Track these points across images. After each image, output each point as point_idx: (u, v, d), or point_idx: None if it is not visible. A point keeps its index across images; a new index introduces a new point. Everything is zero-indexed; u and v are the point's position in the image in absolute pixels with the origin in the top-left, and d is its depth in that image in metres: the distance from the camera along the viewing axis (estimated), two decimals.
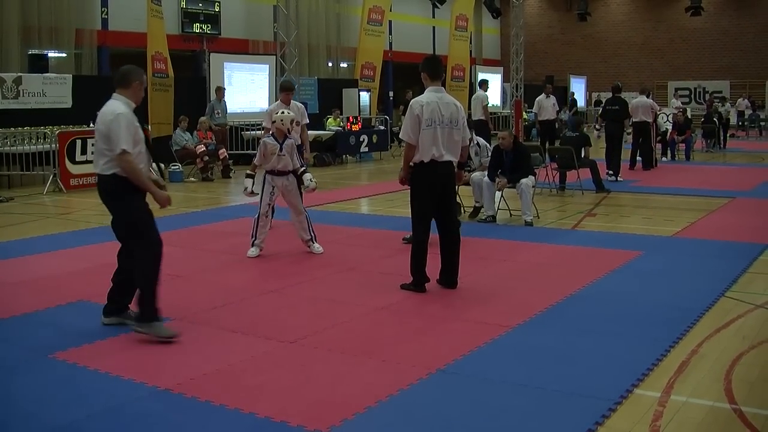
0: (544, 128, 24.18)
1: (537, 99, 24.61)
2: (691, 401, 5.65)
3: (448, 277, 8.79)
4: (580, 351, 6.69)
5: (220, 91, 22.55)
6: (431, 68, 8.68)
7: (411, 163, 8.48)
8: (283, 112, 10.76)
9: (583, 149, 16.82)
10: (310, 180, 10.89)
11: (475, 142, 13.46)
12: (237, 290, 8.78)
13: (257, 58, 27.46)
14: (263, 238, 10.75)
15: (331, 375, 6.13)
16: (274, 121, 10.67)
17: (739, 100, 40.37)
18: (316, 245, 10.79)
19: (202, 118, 20.76)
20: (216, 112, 21.90)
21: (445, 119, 8.43)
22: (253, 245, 10.69)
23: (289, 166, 10.65)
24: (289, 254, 10.79)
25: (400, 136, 8.65)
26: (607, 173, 18.70)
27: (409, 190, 8.77)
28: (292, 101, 12.52)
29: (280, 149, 10.51)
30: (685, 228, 12.55)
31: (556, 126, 25.13)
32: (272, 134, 10.68)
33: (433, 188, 8.53)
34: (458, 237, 8.84)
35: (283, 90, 12.79)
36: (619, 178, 18.89)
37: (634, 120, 20.68)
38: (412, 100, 8.62)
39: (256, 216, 10.71)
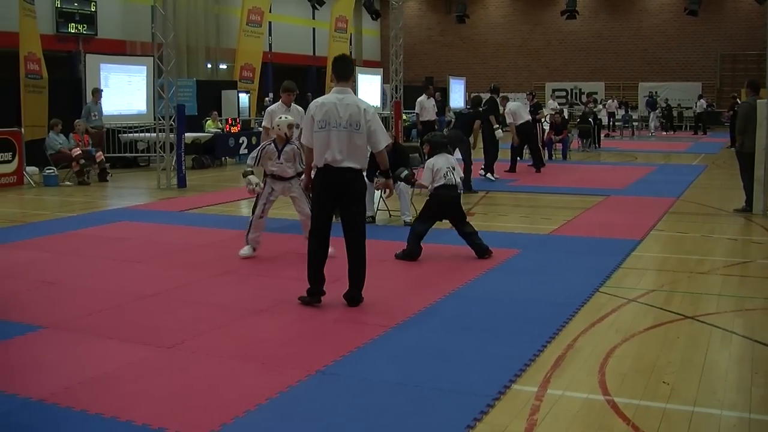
0: (425, 129, 24.36)
1: (418, 100, 24.75)
2: (567, 394, 5.79)
3: (349, 294, 8.18)
4: (458, 349, 6.77)
5: (97, 93, 22.08)
6: (336, 68, 8.22)
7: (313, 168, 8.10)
8: (281, 117, 10.52)
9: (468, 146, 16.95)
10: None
11: None
12: (114, 295, 8.60)
13: (134, 60, 27.03)
14: (256, 236, 10.57)
15: (210, 379, 6.07)
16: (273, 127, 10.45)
17: (609, 101, 41.41)
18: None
19: (78, 121, 20.29)
20: (92, 114, 21.40)
21: (343, 121, 7.84)
22: (246, 243, 10.55)
23: (288, 172, 10.38)
24: (167, 258, 10.63)
25: (302, 141, 8.22)
26: (480, 172, 18.96)
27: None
28: (293, 104, 12.19)
29: (278, 156, 10.25)
30: (562, 226, 12.81)
31: (436, 127, 25.31)
32: (274, 139, 10.41)
33: (328, 196, 8.02)
34: (362, 254, 8.19)
35: (283, 91, 12.41)
36: (495, 177, 19.13)
37: (518, 122, 20.93)
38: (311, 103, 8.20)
39: (251, 218, 10.64)
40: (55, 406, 5.53)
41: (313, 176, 8.18)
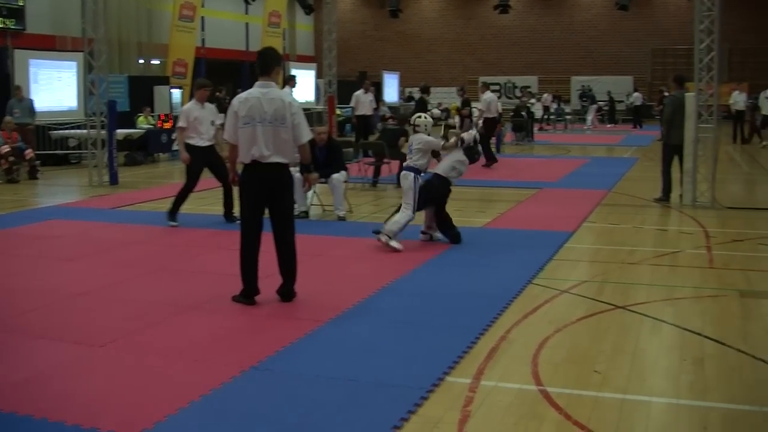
0: (360, 123, 24.38)
1: (355, 94, 24.77)
2: (501, 385, 5.85)
3: (283, 289, 8.14)
4: (392, 342, 6.80)
5: (19, 90, 21.66)
6: (259, 62, 7.99)
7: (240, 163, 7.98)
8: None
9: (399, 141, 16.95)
10: None
11: None
12: (45, 294, 8.47)
13: (64, 55, 26.60)
14: None
15: (142, 378, 6.02)
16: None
17: (544, 95, 41.78)
18: None
19: (7, 118, 19.95)
20: (14, 111, 20.82)
21: (268, 116, 7.72)
22: None
23: None
24: (99, 256, 10.51)
25: (225, 137, 8.03)
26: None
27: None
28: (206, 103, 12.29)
29: None
30: (496, 219, 12.92)
31: (372, 122, 25.37)
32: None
33: (257, 192, 7.89)
34: (292, 248, 8.11)
35: (197, 88, 12.55)
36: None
37: (487, 116, 20.98)
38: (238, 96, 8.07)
39: None
40: None
41: (240, 173, 8.06)
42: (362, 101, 24.34)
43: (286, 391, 5.72)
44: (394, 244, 10.41)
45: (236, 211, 10.93)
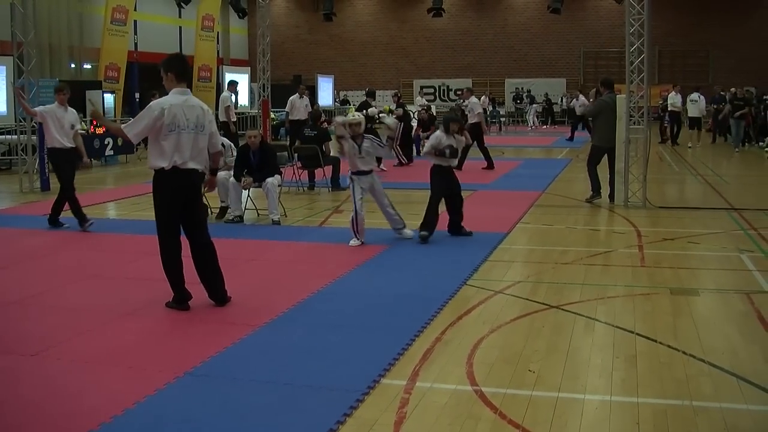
0: (294, 127, 24.32)
1: (290, 99, 24.73)
2: (436, 386, 5.89)
3: (214, 293, 8.10)
4: (327, 345, 6.79)
5: None
6: (179, 68, 7.96)
7: (152, 168, 7.85)
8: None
9: (323, 145, 16.97)
10: None
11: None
12: None
13: None
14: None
15: (75, 386, 5.95)
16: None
17: (482, 97, 42.03)
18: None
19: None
20: None
21: (190, 124, 7.77)
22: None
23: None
24: (30, 263, 10.35)
25: (125, 125, 7.90)
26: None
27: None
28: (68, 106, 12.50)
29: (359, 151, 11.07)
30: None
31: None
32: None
33: (176, 198, 7.86)
34: (213, 249, 8.12)
35: (57, 92, 12.86)
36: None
37: (472, 121, 20.99)
38: (156, 101, 7.92)
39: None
40: None
41: (157, 178, 7.90)
42: (297, 106, 24.31)
43: (221, 397, 5.68)
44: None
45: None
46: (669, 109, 29.79)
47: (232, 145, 13.61)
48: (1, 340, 7.08)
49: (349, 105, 46.81)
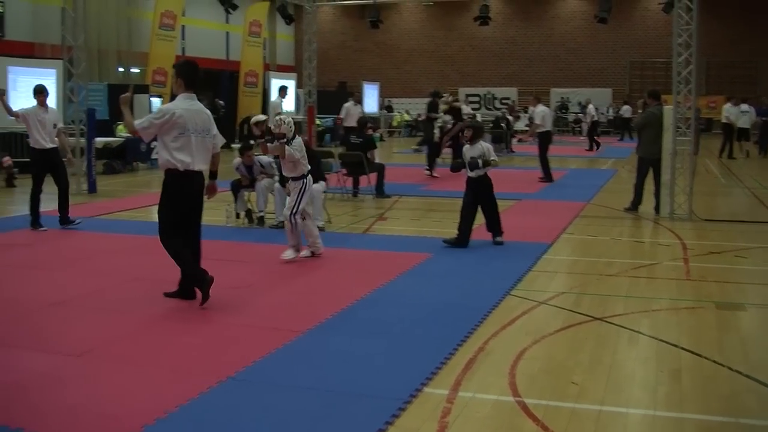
0: (347, 134, 24.43)
1: (345, 105, 24.90)
2: (478, 396, 5.85)
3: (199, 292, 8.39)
4: (370, 353, 6.79)
5: None
6: (190, 75, 8.47)
7: (164, 170, 8.32)
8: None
9: (368, 153, 16.99)
10: None
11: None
12: (23, 303, 8.43)
13: (44, 63, 26.46)
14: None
15: (119, 388, 5.99)
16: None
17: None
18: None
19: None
20: None
21: (198, 128, 8.32)
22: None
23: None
24: (76, 264, 10.46)
25: (137, 123, 8.20)
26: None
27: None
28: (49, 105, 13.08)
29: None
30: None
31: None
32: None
33: (186, 197, 8.35)
34: (200, 248, 8.62)
35: (36, 94, 13.31)
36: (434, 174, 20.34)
37: (541, 129, 20.81)
38: (167, 105, 8.44)
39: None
40: None
41: (164, 179, 8.41)
42: (351, 113, 24.45)
43: (263, 402, 5.70)
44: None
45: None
46: (723, 121, 29.28)
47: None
48: (47, 341, 7.15)
49: (396, 113, 46.93)
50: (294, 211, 10.32)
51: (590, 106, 33.96)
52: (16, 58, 25.62)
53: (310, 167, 10.55)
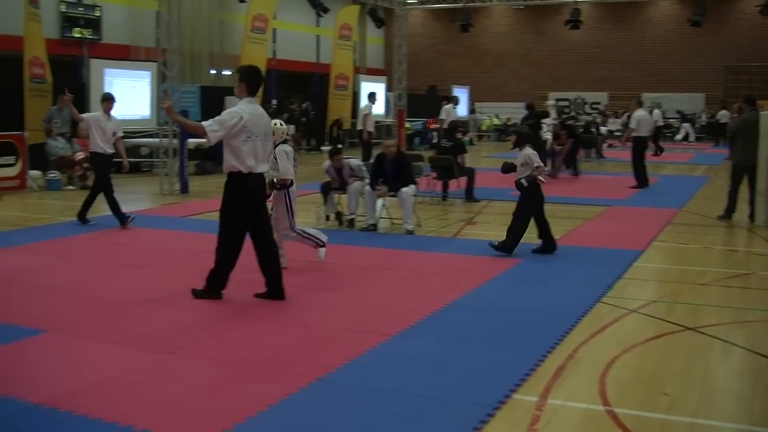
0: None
1: (445, 108, 24.96)
2: (568, 404, 5.80)
3: (275, 287, 8.74)
4: (458, 358, 6.77)
5: (62, 99, 21.78)
6: (252, 80, 8.67)
7: (227, 172, 8.53)
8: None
9: (458, 157, 16.96)
10: None
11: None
12: (115, 300, 8.61)
13: (139, 65, 27.02)
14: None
15: (210, 385, 6.08)
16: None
17: (655, 110, 41.24)
18: None
19: (82, 124, 20.26)
20: (54, 121, 20.37)
21: (260, 131, 8.52)
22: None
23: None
24: (168, 263, 10.64)
25: (206, 124, 8.36)
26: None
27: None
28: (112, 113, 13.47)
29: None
30: (564, 236, 12.79)
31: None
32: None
33: (250, 199, 8.57)
34: (275, 246, 8.96)
35: (103, 101, 13.73)
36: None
37: (637, 134, 20.58)
38: (232, 109, 8.52)
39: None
40: (54, 411, 5.53)
41: (226, 181, 8.62)
42: (453, 115, 24.61)
43: (352, 404, 5.73)
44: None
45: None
46: None
47: (361, 164, 13.72)
48: (139, 338, 7.29)
49: (485, 117, 46.79)
50: (292, 226, 10.21)
51: (656, 111, 33.35)
52: (112, 60, 26.16)
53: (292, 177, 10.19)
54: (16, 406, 5.62)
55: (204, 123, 8.43)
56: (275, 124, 10.11)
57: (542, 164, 11.38)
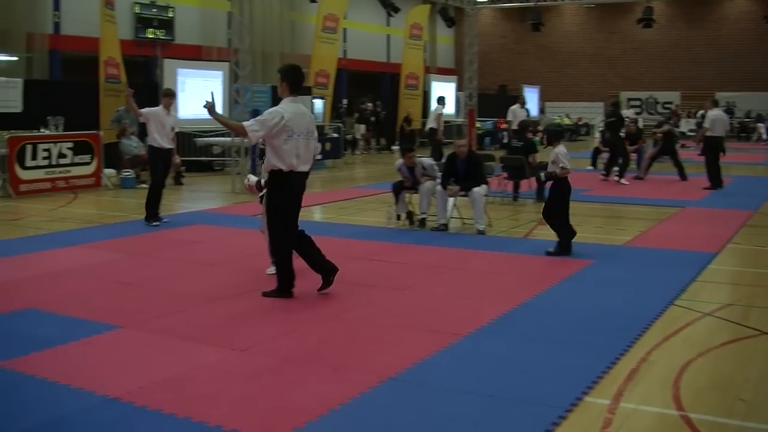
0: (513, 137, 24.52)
1: (511, 108, 24.90)
2: (641, 408, 5.72)
3: (328, 270, 8.95)
4: (530, 359, 6.73)
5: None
6: (294, 79, 8.80)
7: (268, 171, 8.62)
8: None
9: (529, 157, 16.88)
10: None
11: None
12: (188, 298, 8.72)
13: (211, 65, 27.30)
14: None
15: (282, 383, 6.11)
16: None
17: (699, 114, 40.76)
18: None
19: (141, 119, 20.46)
20: (124, 121, 20.53)
21: (302, 130, 8.60)
22: None
23: None
24: (240, 262, 10.72)
25: (247, 124, 8.54)
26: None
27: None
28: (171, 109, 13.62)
29: None
30: (636, 237, 12.67)
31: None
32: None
33: (294, 196, 8.73)
34: (307, 236, 9.03)
35: (164, 96, 13.87)
36: (623, 181, 20.12)
37: (709, 134, 20.35)
38: (274, 108, 8.65)
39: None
40: (130, 405, 5.61)
41: (269, 180, 8.74)
42: (519, 115, 24.48)
43: (423, 404, 5.72)
44: None
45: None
46: None
47: (434, 163, 13.71)
48: (212, 335, 7.36)
49: (556, 116, 46.50)
50: None
51: (710, 112, 32.78)
52: (185, 60, 26.47)
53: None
54: (95, 400, 5.72)
55: (245, 123, 8.59)
56: None
57: (568, 165, 11.23)
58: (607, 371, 6.44)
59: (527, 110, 25.63)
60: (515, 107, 24.81)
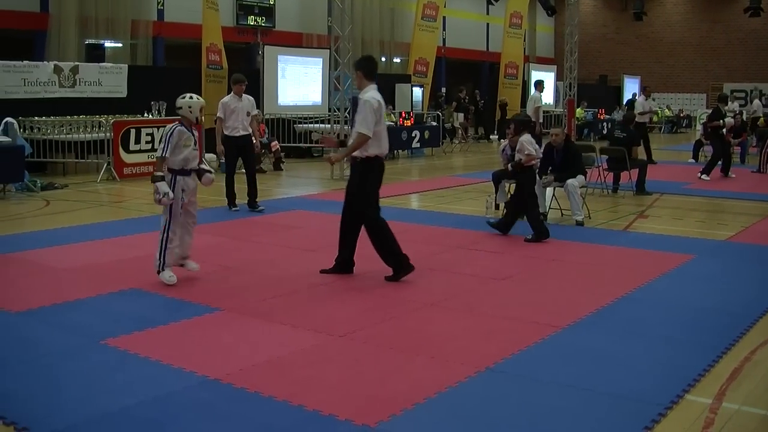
0: (638, 129, 24.05)
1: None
2: (744, 409, 5.58)
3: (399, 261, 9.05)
4: (630, 354, 6.63)
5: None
6: (367, 68, 9.05)
7: (359, 156, 8.86)
8: (192, 98, 9.23)
9: (632, 149, 16.64)
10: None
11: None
12: (288, 282, 8.83)
13: (311, 52, 27.53)
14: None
15: (380, 370, 6.14)
16: (180, 107, 9.18)
17: None
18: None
19: (256, 111, 20.80)
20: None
21: (383, 117, 8.97)
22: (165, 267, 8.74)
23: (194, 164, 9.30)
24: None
25: (357, 129, 8.72)
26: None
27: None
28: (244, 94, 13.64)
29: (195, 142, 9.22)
30: (740, 232, 12.39)
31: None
32: (182, 123, 9.18)
33: (379, 181, 9.13)
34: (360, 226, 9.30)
35: (235, 83, 13.78)
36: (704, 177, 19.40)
37: None
38: (366, 96, 8.83)
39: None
40: (230, 386, 5.71)
41: (353, 161, 9.12)
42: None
43: (520, 395, 5.69)
44: None
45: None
46: None
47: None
48: (311, 320, 7.42)
49: (657, 108, 45.69)
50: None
51: (756, 102, 31.78)
52: (285, 47, 26.72)
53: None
54: (195, 379, 5.84)
55: (359, 132, 8.70)
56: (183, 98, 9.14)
57: (533, 152, 11.56)
58: (709, 369, 6.30)
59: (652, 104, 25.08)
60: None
